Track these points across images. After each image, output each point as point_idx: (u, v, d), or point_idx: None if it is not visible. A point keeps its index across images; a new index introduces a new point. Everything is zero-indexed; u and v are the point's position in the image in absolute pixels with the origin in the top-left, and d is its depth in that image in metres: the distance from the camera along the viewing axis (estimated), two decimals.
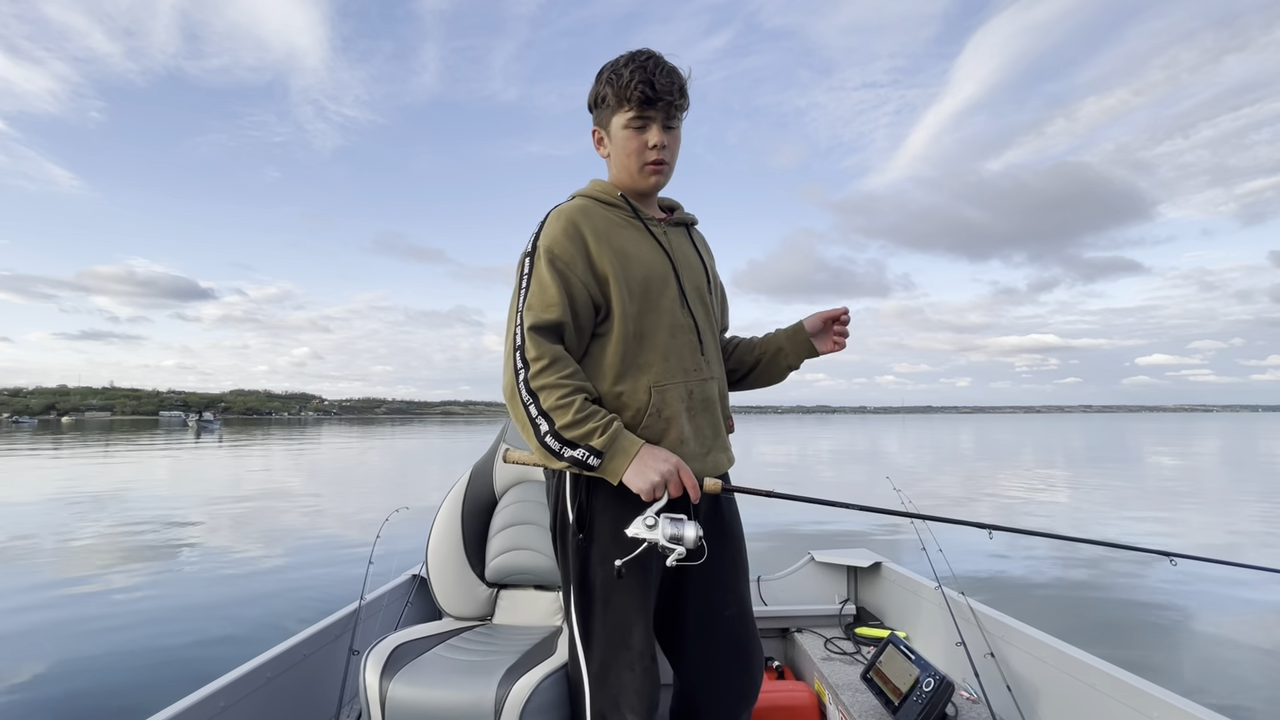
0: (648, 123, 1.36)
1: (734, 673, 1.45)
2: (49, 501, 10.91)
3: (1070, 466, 17.84)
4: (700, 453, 1.38)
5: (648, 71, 1.32)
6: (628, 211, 1.43)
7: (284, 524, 8.62)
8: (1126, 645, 4.16)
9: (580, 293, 1.32)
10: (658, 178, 1.41)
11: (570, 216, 1.35)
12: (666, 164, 1.40)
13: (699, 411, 1.40)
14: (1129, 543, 1.48)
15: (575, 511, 1.34)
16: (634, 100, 1.33)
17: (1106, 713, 1.52)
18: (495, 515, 2.20)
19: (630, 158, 1.39)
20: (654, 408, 1.33)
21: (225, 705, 1.52)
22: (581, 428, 1.23)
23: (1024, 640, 1.84)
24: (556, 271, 1.30)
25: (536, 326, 1.28)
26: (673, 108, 1.36)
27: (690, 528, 1.19)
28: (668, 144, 1.38)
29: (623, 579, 1.28)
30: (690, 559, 1.19)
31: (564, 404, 1.23)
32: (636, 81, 1.32)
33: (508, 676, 1.53)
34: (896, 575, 2.55)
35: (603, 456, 1.23)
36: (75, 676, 3.72)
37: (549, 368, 1.25)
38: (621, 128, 1.37)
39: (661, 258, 1.41)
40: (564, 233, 1.33)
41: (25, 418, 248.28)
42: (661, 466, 1.23)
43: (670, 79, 1.34)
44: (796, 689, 2.18)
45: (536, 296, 1.30)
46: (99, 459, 20.92)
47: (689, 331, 1.41)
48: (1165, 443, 31.72)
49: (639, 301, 1.36)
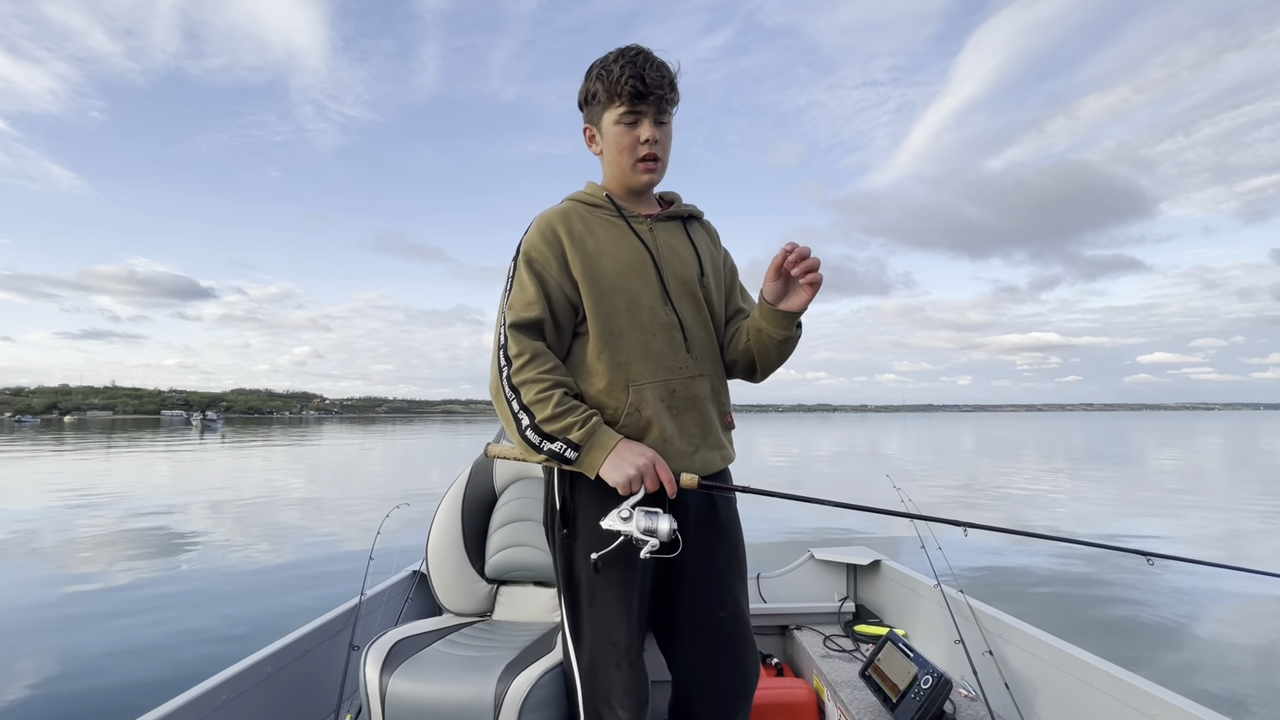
0: (639, 118, 1.36)
1: (726, 674, 1.45)
2: (58, 499, 10.95)
3: (1071, 465, 17.83)
4: (687, 451, 1.37)
5: (637, 66, 1.32)
6: (610, 210, 1.43)
7: (285, 521, 8.65)
8: (1125, 643, 4.17)
9: (556, 293, 1.35)
10: (650, 175, 1.41)
11: (549, 221, 1.39)
12: (659, 159, 1.40)
13: (682, 410, 1.39)
14: (1105, 542, 1.48)
15: (559, 506, 1.37)
16: (624, 95, 1.33)
17: (1103, 710, 1.52)
18: (495, 512, 2.21)
19: (622, 154, 1.39)
20: (632, 405, 1.34)
21: (227, 699, 1.53)
22: (560, 421, 1.25)
23: (1022, 638, 1.84)
24: (534, 273, 1.34)
25: (517, 324, 1.31)
26: (663, 102, 1.36)
27: (664, 520, 1.20)
28: (659, 139, 1.37)
29: (608, 574, 1.29)
30: (665, 551, 1.20)
31: (543, 398, 1.26)
32: (627, 77, 1.32)
33: (507, 672, 1.54)
34: (896, 573, 2.55)
35: (580, 450, 1.25)
36: (77, 671, 3.74)
37: (529, 363, 1.28)
38: (613, 123, 1.38)
39: (641, 254, 1.41)
40: (540, 236, 1.37)
41: (28, 417, 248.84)
42: (638, 460, 1.25)
43: (660, 73, 1.34)
44: (795, 686, 2.19)
45: (517, 296, 1.34)
46: (106, 458, 20.99)
47: (671, 329, 1.40)
48: (1167, 441, 31.71)
49: (610, 300, 1.36)
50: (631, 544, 1.21)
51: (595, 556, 1.22)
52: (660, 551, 1.20)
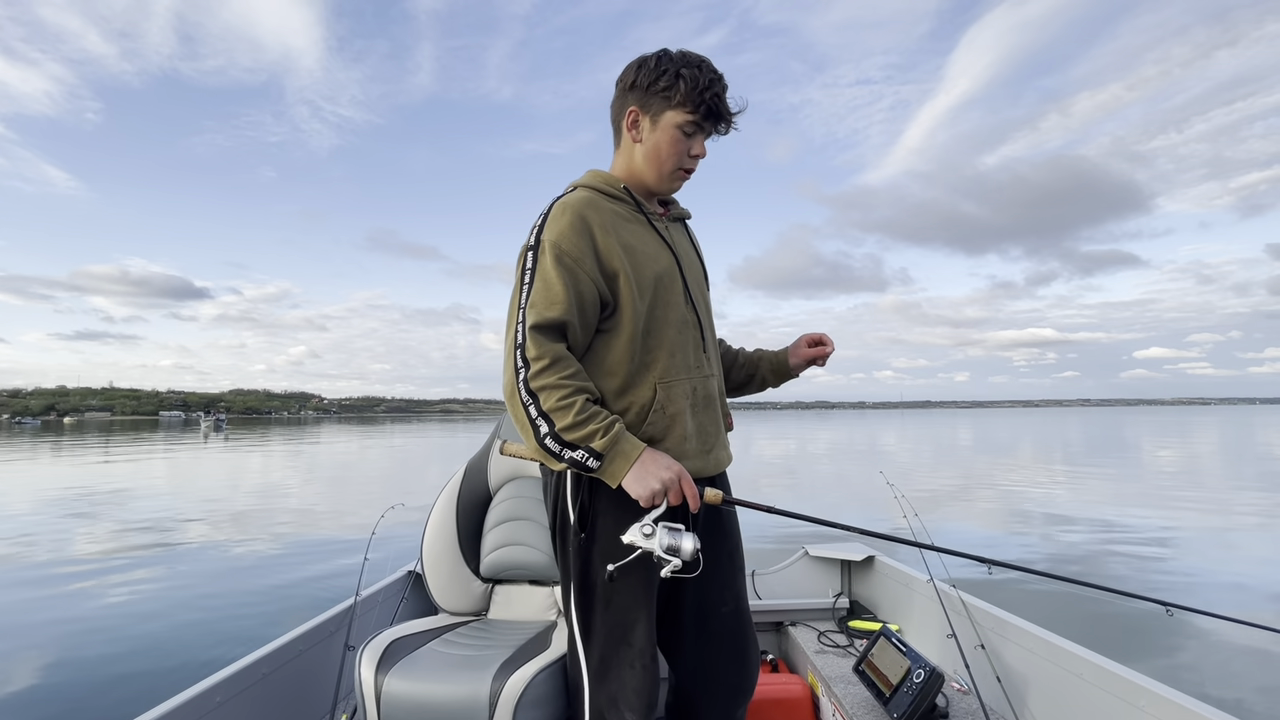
0: (699, 132, 1.38)
1: (731, 670, 1.46)
2: (62, 502, 10.94)
3: (1069, 460, 17.87)
4: (703, 450, 1.37)
5: (722, 86, 1.35)
6: (632, 205, 1.40)
7: (290, 520, 8.64)
8: (1118, 637, 4.19)
9: (589, 289, 1.28)
10: (680, 185, 1.45)
11: (578, 209, 1.30)
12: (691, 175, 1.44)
13: (702, 409, 1.39)
14: (1107, 584, 1.49)
15: (577, 511, 1.32)
16: (702, 108, 1.33)
17: (1095, 703, 1.53)
18: (490, 511, 2.22)
19: (670, 159, 1.38)
20: (659, 404, 1.32)
21: (221, 700, 1.54)
22: (582, 429, 1.19)
23: (1014, 632, 1.85)
24: (564, 268, 1.25)
25: (539, 325, 1.23)
26: (724, 128, 1.40)
27: (688, 539, 1.16)
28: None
29: (628, 578, 1.26)
30: (686, 571, 1.15)
31: (565, 405, 1.19)
32: (713, 92, 1.32)
33: (502, 670, 1.55)
34: (889, 569, 2.57)
35: (603, 459, 1.20)
36: (73, 671, 3.74)
37: (550, 368, 1.21)
38: (675, 125, 1.35)
39: (666, 253, 1.41)
40: (571, 227, 1.27)
41: (28, 418, 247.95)
42: (663, 474, 1.20)
43: (734, 105, 1.38)
44: (790, 682, 2.20)
45: (540, 294, 1.25)
46: (129, 460, 20.96)
47: (693, 328, 1.41)
48: (1164, 435, 31.76)
49: (649, 297, 1.34)
50: (652, 560, 1.16)
51: (612, 568, 1.18)
52: (681, 571, 1.14)
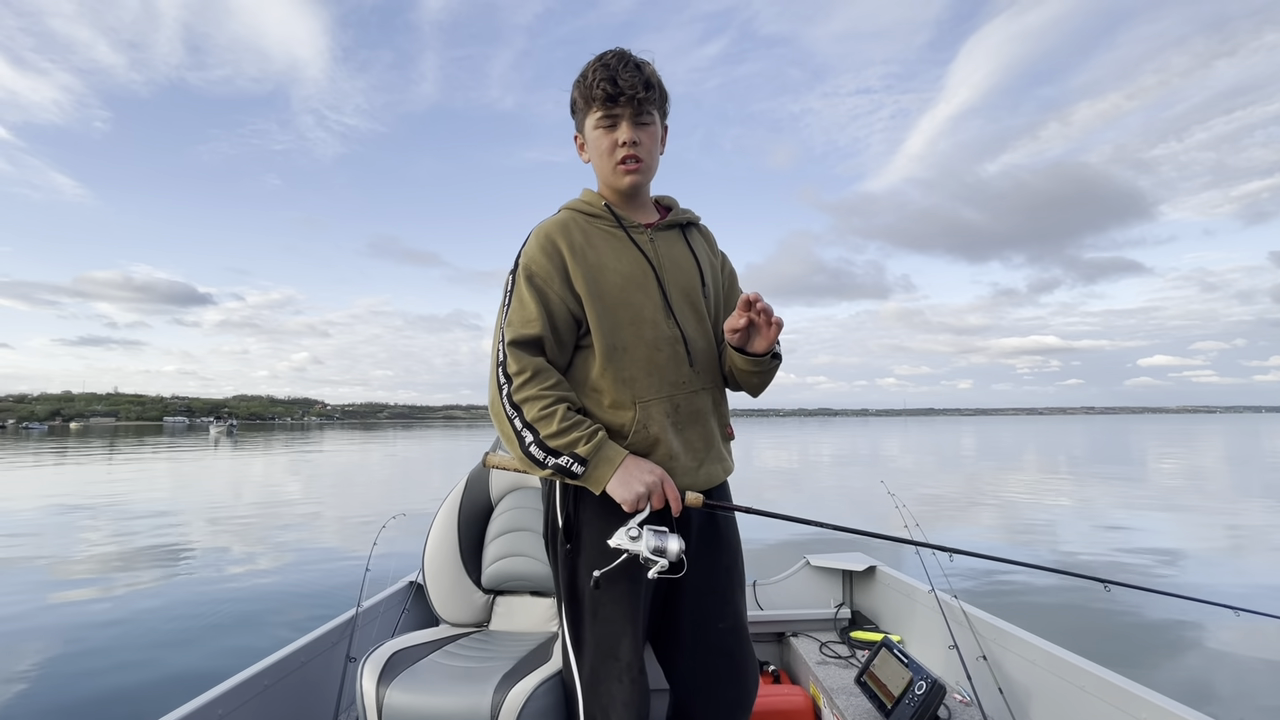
0: (616, 120, 1.35)
1: (727, 684, 1.45)
2: (66, 509, 10.97)
3: (1074, 468, 17.79)
4: (692, 466, 1.37)
5: (610, 69, 1.31)
6: (610, 221, 1.41)
7: (292, 530, 8.64)
8: (1121, 649, 4.16)
9: (559, 308, 1.33)
10: (633, 176, 1.38)
11: (548, 233, 1.36)
12: (641, 160, 1.37)
13: (687, 425, 1.38)
14: (1063, 567, 1.49)
15: (563, 521, 1.35)
16: (599, 99, 1.33)
17: (1096, 715, 1.53)
18: (491, 522, 2.22)
19: (603, 158, 1.38)
20: (639, 423, 1.32)
21: (223, 713, 1.54)
22: (566, 436, 1.23)
23: (1016, 643, 1.85)
24: (534, 288, 1.32)
25: (516, 341, 1.29)
26: (640, 102, 1.33)
27: (673, 540, 1.19)
28: (640, 140, 1.36)
29: (612, 589, 1.28)
30: (672, 572, 1.19)
31: (547, 414, 1.24)
32: (599, 80, 1.31)
33: (504, 682, 1.54)
34: (891, 579, 2.56)
35: (587, 464, 1.23)
36: (74, 683, 3.73)
37: (530, 380, 1.26)
38: (593, 128, 1.37)
39: (643, 267, 1.39)
40: (540, 250, 1.34)
41: (34, 424, 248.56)
42: (646, 478, 1.24)
43: (635, 73, 1.32)
44: (792, 693, 2.19)
45: (516, 312, 1.31)
46: (146, 465, 21.05)
47: (674, 343, 1.38)
48: (1169, 444, 31.62)
49: (613, 315, 1.34)
50: (638, 562, 1.20)
51: (598, 574, 1.20)
52: (667, 572, 1.19)
